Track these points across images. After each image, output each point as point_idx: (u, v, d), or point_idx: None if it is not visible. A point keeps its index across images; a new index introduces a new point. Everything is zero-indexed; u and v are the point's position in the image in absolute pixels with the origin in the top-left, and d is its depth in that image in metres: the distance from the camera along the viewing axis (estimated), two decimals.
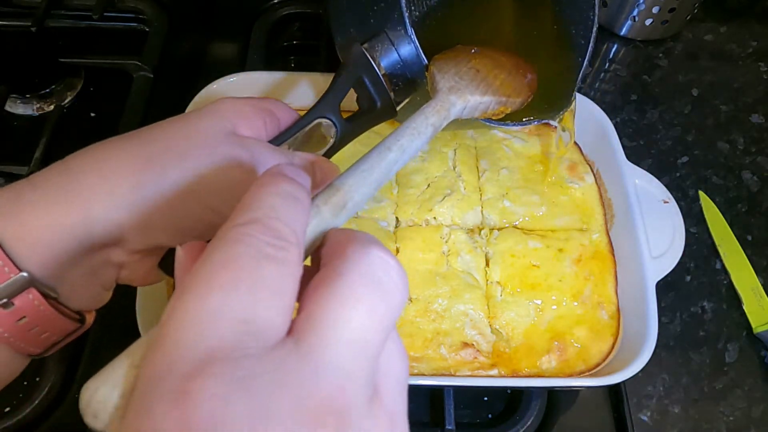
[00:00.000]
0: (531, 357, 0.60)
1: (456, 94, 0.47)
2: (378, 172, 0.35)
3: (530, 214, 0.68)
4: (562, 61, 0.63)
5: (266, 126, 0.43)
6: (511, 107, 0.53)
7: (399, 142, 0.38)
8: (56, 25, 0.88)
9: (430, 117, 0.42)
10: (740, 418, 0.65)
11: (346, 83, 0.49)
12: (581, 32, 0.61)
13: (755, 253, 0.76)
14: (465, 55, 0.53)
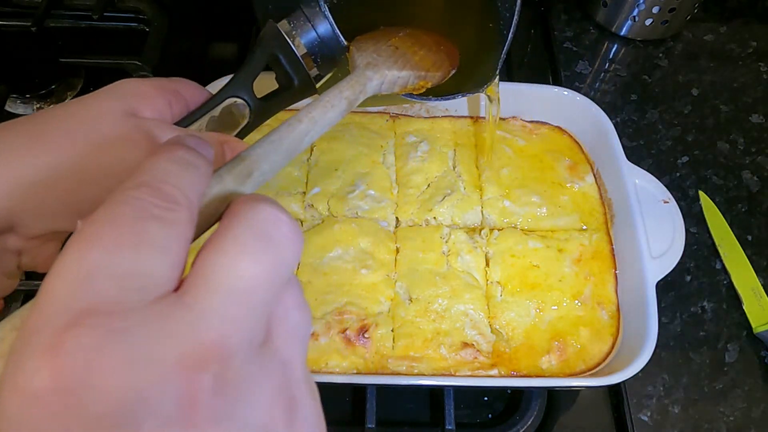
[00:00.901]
0: (531, 357, 0.60)
1: (373, 69, 0.48)
2: (288, 141, 0.36)
3: (530, 214, 0.68)
4: (489, 36, 0.64)
5: (171, 107, 0.41)
6: (431, 81, 0.55)
7: (311, 114, 0.38)
8: (56, 25, 0.88)
9: (344, 91, 0.42)
10: (740, 418, 0.65)
11: (258, 61, 0.48)
12: (506, 5, 0.62)
13: (755, 253, 0.76)
14: (386, 35, 0.55)
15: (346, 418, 0.64)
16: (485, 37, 0.64)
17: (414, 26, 0.61)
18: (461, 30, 0.65)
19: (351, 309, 0.60)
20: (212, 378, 0.20)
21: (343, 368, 0.58)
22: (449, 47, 0.61)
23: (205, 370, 0.20)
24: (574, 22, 0.98)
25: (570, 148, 0.74)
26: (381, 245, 0.64)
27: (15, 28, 0.86)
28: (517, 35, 0.98)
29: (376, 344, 0.59)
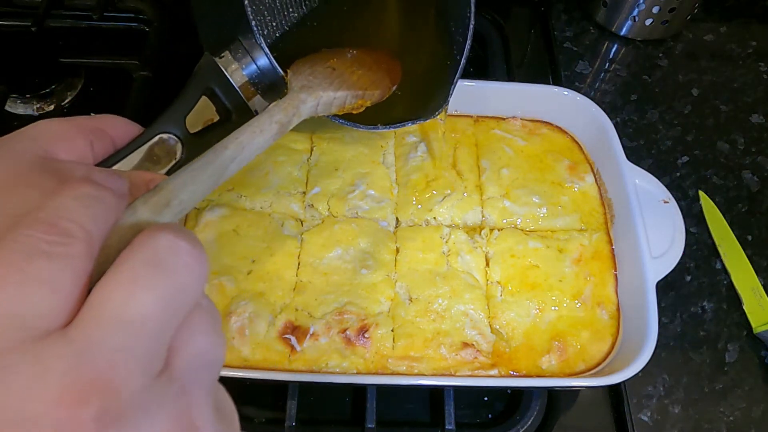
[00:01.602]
0: (531, 357, 0.60)
1: (307, 91, 0.48)
2: (212, 169, 0.35)
3: (530, 215, 0.68)
4: (442, 60, 0.63)
5: (93, 147, 0.38)
6: (370, 99, 0.55)
7: (238, 139, 0.38)
8: (56, 25, 0.88)
9: (275, 115, 0.42)
10: (740, 418, 0.65)
11: (192, 95, 0.47)
12: (460, 30, 0.61)
13: (755, 253, 0.76)
14: (325, 57, 0.55)
15: (346, 418, 0.64)
16: (438, 61, 0.64)
17: (359, 45, 0.60)
18: (413, 52, 0.65)
19: (351, 309, 0.60)
20: (95, 412, 0.20)
21: (343, 368, 0.58)
22: (391, 64, 0.61)
23: (87, 405, 0.20)
24: (574, 22, 0.98)
25: (570, 148, 0.74)
26: (381, 245, 0.64)
27: (15, 28, 0.86)
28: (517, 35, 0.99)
29: (376, 344, 0.59)
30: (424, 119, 0.61)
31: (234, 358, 0.57)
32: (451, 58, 0.62)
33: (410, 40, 0.66)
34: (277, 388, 0.64)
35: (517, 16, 0.99)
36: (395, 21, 0.67)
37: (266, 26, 0.58)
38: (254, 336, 0.58)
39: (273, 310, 0.60)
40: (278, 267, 0.62)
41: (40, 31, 0.82)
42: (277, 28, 0.59)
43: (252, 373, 0.55)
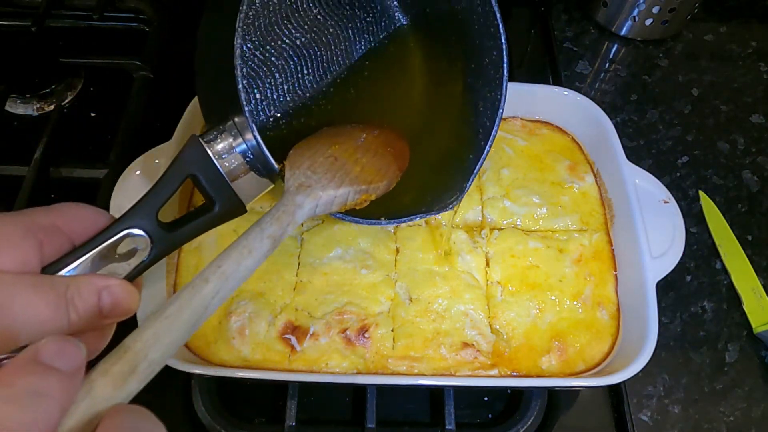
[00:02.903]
0: (531, 357, 0.60)
1: (304, 192, 0.43)
2: (189, 313, 0.31)
3: (531, 215, 0.68)
4: (463, 144, 0.58)
5: (43, 248, 0.35)
6: (375, 193, 0.49)
7: (221, 268, 0.33)
8: (56, 25, 0.88)
9: (267, 228, 0.37)
10: (740, 418, 0.65)
11: (169, 185, 0.41)
12: (488, 112, 0.56)
13: (755, 253, 0.76)
14: (326, 140, 0.49)
15: (346, 418, 0.64)
16: (458, 145, 0.59)
17: (367, 119, 0.55)
18: (431, 132, 0.60)
19: (351, 309, 0.60)
20: None
21: (344, 368, 0.58)
22: (398, 145, 0.55)
23: None
24: (574, 22, 0.98)
25: (570, 148, 0.74)
26: (381, 245, 0.64)
27: (15, 28, 0.86)
28: (517, 35, 0.99)
29: (376, 344, 0.59)
30: (437, 212, 0.55)
31: (234, 358, 0.58)
32: (473, 142, 0.57)
33: (430, 119, 0.61)
34: (277, 388, 0.64)
35: (517, 16, 0.99)
36: (417, 96, 0.63)
37: (266, 104, 0.54)
38: (254, 336, 0.58)
39: (273, 309, 0.60)
40: (278, 267, 0.62)
41: (40, 31, 0.82)
42: (279, 106, 0.55)
43: (252, 373, 0.55)
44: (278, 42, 0.55)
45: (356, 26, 0.61)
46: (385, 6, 0.62)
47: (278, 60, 0.56)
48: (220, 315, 0.59)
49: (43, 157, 0.73)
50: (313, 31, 0.58)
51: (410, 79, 0.63)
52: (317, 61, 0.58)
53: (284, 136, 0.54)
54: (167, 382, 0.62)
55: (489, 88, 0.56)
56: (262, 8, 0.53)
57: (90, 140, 0.80)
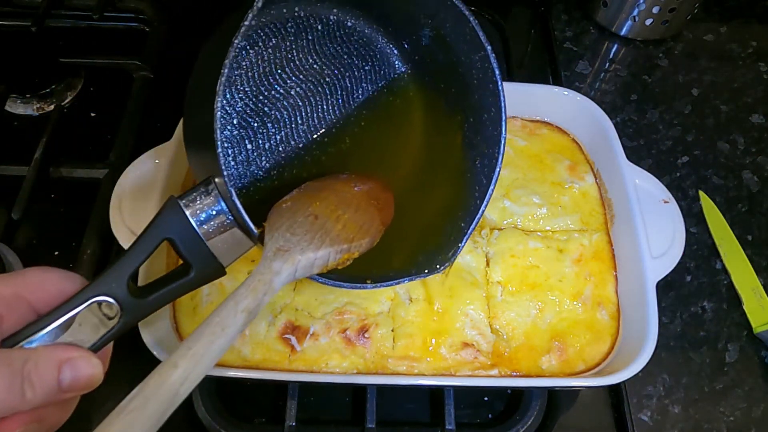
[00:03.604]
0: (531, 357, 0.60)
1: (282, 257, 0.41)
2: (155, 404, 0.29)
3: (531, 215, 0.68)
4: (457, 202, 0.58)
5: (2, 321, 0.34)
6: (357, 251, 0.47)
7: (192, 350, 0.32)
8: (56, 25, 0.88)
9: (242, 301, 0.36)
10: (740, 418, 0.65)
11: (144, 249, 0.40)
12: (486, 170, 0.56)
13: (755, 253, 0.76)
14: (308, 197, 0.48)
15: (346, 418, 0.64)
16: (452, 203, 0.58)
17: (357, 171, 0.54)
18: (424, 189, 0.59)
19: (351, 309, 0.60)
20: None
21: (344, 368, 0.58)
22: (382, 197, 0.53)
23: None
24: (574, 22, 0.98)
25: (570, 148, 0.74)
26: None
27: (15, 28, 0.86)
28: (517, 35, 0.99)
29: (376, 344, 0.59)
30: (426, 275, 0.53)
31: (234, 358, 0.58)
32: (468, 201, 0.56)
33: (427, 174, 0.59)
34: (277, 388, 0.64)
35: (517, 16, 0.99)
36: (414, 149, 0.61)
37: (257, 155, 0.53)
38: (254, 336, 0.58)
39: (273, 310, 0.60)
40: None
41: (40, 31, 0.82)
42: (271, 156, 0.54)
43: (252, 373, 0.55)
44: (272, 92, 0.55)
45: (354, 75, 0.60)
46: (385, 54, 0.61)
47: (272, 110, 0.55)
48: None
49: (43, 157, 0.73)
50: (309, 81, 0.57)
51: (408, 130, 0.62)
52: (313, 111, 0.57)
53: (275, 187, 0.53)
54: None
55: (487, 145, 0.55)
56: (255, 59, 0.52)
57: (90, 140, 0.80)
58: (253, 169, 0.55)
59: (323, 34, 0.57)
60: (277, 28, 0.54)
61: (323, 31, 0.57)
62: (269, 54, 0.54)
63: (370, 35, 0.59)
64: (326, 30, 0.57)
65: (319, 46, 0.57)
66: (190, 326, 0.59)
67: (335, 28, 0.57)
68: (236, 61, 0.52)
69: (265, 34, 0.54)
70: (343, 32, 0.58)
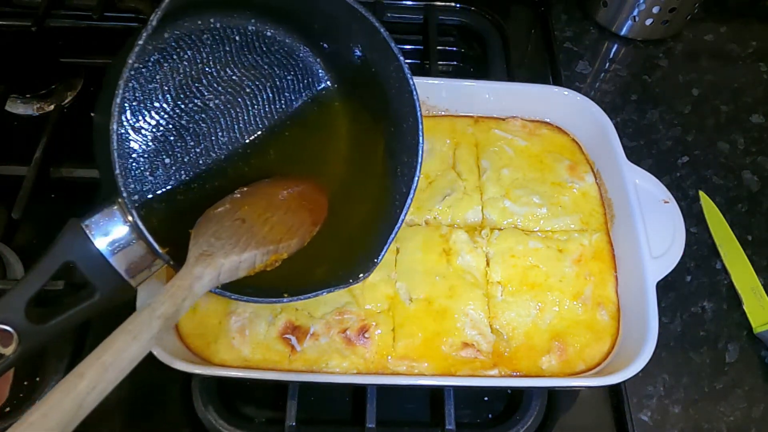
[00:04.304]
0: (531, 357, 0.60)
1: (204, 263, 0.41)
2: (58, 416, 0.28)
3: (531, 215, 0.68)
4: (378, 213, 0.58)
5: None
6: (286, 251, 0.48)
7: (101, 359, 0.31)
8: (56, 25, 0.88)
9: (159, 308, 0.35)
10: (740, 418, 0.65)
11: (43, 273, 0.39)
12: (406, 178, 0.56)
13: (755, 253, 0.76)
14: (237, 203, 0.48)
15: (346, 418, 0.64)
16: (373, 215, 0.58)
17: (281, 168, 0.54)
18: (347, 201, 0.59)
19: (351, 309, 0.60)
20: None
21: (344, 368, 0.58)
22: (316, 197, 0.54)
23: None
24: (574, 22, 0.98)
25: (570, 149, 0.74)
26: None
27: (15, 28, 0.86)
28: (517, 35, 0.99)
29: (376, 344, 0.59)
30: (344, 286, 0.53)
31: (234, 358, 0.57)
32: (389, 211, 0.56)
33: (350, 185, 0.60)
34: (277, 388, 0.64)
35: (517, 16, 0.99)
36: (338, 159, 0.61)
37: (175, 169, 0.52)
38: (254, 336, 0.58)
39: (273, 309, 0.60)
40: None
41: (40, 31, 0.82)
42: (191, 169, 0.54)
43: (252, 373, 0.55)
44: (189, 105, 0.54)
45: (276, 85, 0.59)
46: (308, 64, 0.61)
47: (190, 123, 0.54)
48: (220, 315, 0.59)
49: (43, 157, 0.73)
50: (228, 92, 0.56)
51: (333, 141, 0.62)
52: (234, 123, 0.57)
53: (196, 200, 0.52)
54: (167, 382, 0.62)
55: (407, 154, 0.56)
56: (169, 71, 0.51)
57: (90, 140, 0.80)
58: (173, 183, 0.54)
59: (242, 44, 0.56)
60: (192, 40, 0.53)
61: (241, 41, 0.56)
62: (185, 67, 0.53)
63: (291, 45, 0.59)
64: (245, 40, 0.56)
65: (237, 57, 0.56)
66: (191, 326, 0.59)
67: (254, 39, 0.57)
68: (149, 75, 0.51)
69: (179, 47, 0.53)
70: (262, 42, 0.57)
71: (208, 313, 0.59)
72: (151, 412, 0.61)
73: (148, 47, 0.45)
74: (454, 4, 0.97)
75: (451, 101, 0.75)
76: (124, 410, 0.61)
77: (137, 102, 0.51)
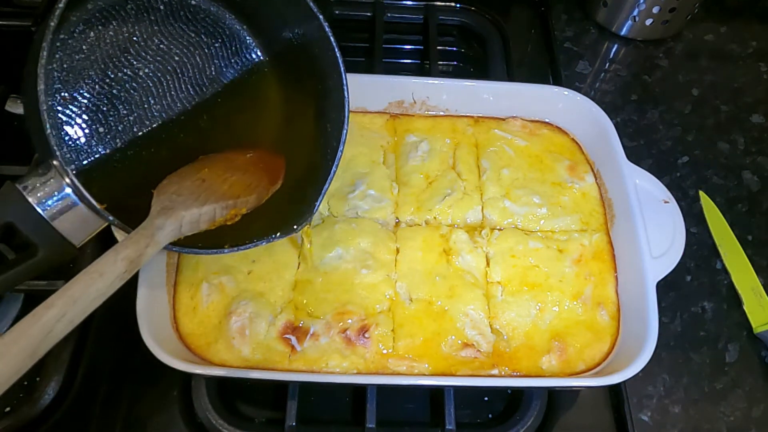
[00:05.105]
0: (531, 357, 0.60)
1: (166, 215, 0.43)
2: (26, 340, 0.30)
3: (531, 215, 0.68)
4: (312, 167, 0.60)
5: None
6: (245, 206, 0.51)
7: (69, 291, 0.33)
8: None
9: (122, 251, 0.37)
10: (740, 418, 0.65)
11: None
12: (335, 132, 0.58)
13: (755, 253, 0.76)
14: (198, 167, 0.51)
15: (346, 418, 0.64)
16: (307, 168, 0.60)
17: (240, 147, 0.57)
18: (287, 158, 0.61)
19: (351, 309, 0.60)
20: None
21: (344, 368, 0.58)
22: (271, 161, 0.57)
23: None
24: (574, 22, 0.98)
25: (570, 149, 0.74)
26: (381, 245, 0.64)
27: (15, 28, 0.86)
28: (517, 35, 0.99)
29: (376, 344, 0.59)
30: (282, 236, 0.55)
31: (234, 358, 0.58)
32: (323, 165, 0.59)
33: (285, 146, 0.62)
34: (277, 388, 0.64)
35: (517, 16, 0.99)
36: (272, 123, 0.63)
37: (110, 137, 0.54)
38: (254, 336, 0.58)
39: (273, 309, 0.60)
40: (279, 267, 0.62)
41: None
42: (125, 137, 0.55)
43: (252, 373, 0.55)
44: (118, 74, 0.55)
45: (204, 53, 0.60)
46: (234, 31, 0.62)
47: (120, 92, 0.55)
48: (220, 315, 0.59)
49: None
50: (157, 61, 0.57)
51: (266, 105, 0.64)
52: (165, 91, 0.58)
53: (133, 166, 0.54)
54: (167, 382, 0.62)
55: (335, 111, 0.58)
56: (95, 41, 0.53)
57: None
58: (108, 151, 0.55)
59: (166, 13, 0.57)
60: (116, 10, 0.54)
61: (166, 10, 0.57)
62: (111, 37, 0.54)
63: (216, 13, 0.61)
64: (169, 10, 0.58)
65: (163, 26, 0.58)
66: (191, 326, 0.59)
67: (178, 8, 0.58)
68: (75, 45, 0.52)
69: (103, 17, 0.54)
70: (187, 11, 0.59)
71: (208, 313, 0.59)
72: (151, 411, 0.61)
73: (72, 18, 0.47)
74: (454, 4, 0.97)
75: (451, 101, 0.75)
76: (125, 410, 0.61)
77: (65, 72, 0.53)
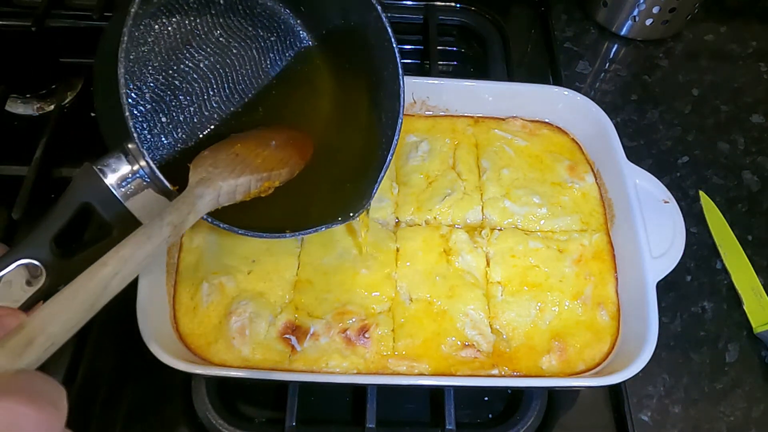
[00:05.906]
0: (531, 357, 0.60)
1: (204, 185, 0.45)
2: (85, 293, 0.32)
3: (531, 215, 0.68)
4: (367, 155, 0.61)
5: None
6: (278, 179, 0.53)
7: (120, 252, 0.35)
8: (56, 25, 0.88)
9: (167, 216, 0.40)
10: (740, 418, 0.65)
11: (63, 212, 0.43)
12: (390, 122, 0.59)
13: (755, 253, 0.76)
14: (230, 143, 0.53)
15: (346, 418, 0.64)
16: (363, 157, 0.61)
17: (270, 124, 0.58)
18: (338, 147, 0.63)
19: (351, 309, 0.60)
20: None
21: (344, 368, 0.58)
22: (300, 139, 0.59)
23: None
24: (574, 22, 0.98)
25: (570, 149, 0.74)
26: (381, 245, 0.64)
27: (15, 28, 0.86)
28: (517, 35, 0.99)
29: (376, 344, 0.59)
30: (342, 222, 0.57)
31: (234, 358, 0.58)
32: (377, 154, 0.60)
33: (338, 135, 0.64)
34: (277, 388, 0.64)
35: (517, 16, 0.99)
36: (325, 113, 0.65)
37: (172, 127, 0.56)
38: (254, 336, 0.58)
39: (273, 309, 0.60)
40: (279, 267, 0.62)
41: (40, 31, 0.82)
42: (186, 128, 0.57)
43: (252, 373, 0.55)
44: (180, 66, 0.57)
45: (261, 46, 0.62)
46: (289, 25, 0.64)
47: (182, 83, 0.57)
48: (220, 315, 0.59)
49: (43, 157, 0.73)
50: (216, 54, 0.59)
51: (318, 96, 0.65)
52: (223, 83, 0.60)
53: (191, 156, 0.54)
54: (167, 382, 0.62)
55: (390, 101, 0.59)
56: (159, 34, 0.54)
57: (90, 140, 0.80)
58: (170, 141, 0.57)
59: (226, 8, 0.59)
60: (179, 4, 0.56)
61: (225, 5, 0.59)
62: (174, 30, 0.56)
63: (272, 8, 0.62)
64: (228, 4, 0.59)
65: (222, 19, 0.60)
66: (191, 326, 0.59)
67: (237, 2, 0.60)
68: (141, 37, 0.55)
69: (168, 11, 0.56)
70: (245, 5, 0.61)
71: (208, 313, 0.59)
72: (151, 412, 0.61)
73: (139, 11, 0.48)
74: (454, 4, 0.97)
75: (451, 101, 0.75)
76: (125, 410, 0.61)
77: (131, 63, 0.54)
